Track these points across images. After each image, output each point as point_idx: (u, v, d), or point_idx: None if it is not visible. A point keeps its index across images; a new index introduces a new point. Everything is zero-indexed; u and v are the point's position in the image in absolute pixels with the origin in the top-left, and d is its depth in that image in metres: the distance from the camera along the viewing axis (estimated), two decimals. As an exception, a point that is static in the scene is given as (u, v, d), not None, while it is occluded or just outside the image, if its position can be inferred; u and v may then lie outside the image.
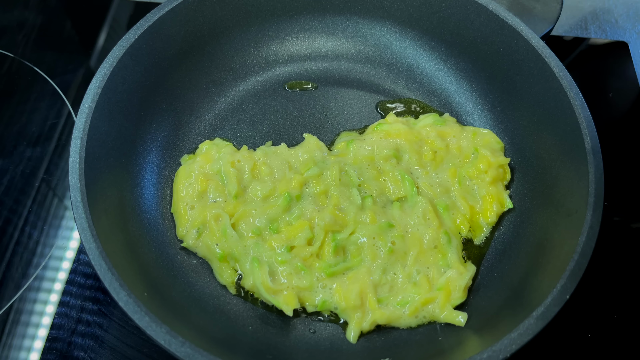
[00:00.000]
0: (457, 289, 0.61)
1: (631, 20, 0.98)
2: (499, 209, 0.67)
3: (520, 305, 0.55)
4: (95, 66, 0.88)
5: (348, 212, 0.64)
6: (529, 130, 0.69)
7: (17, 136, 0.80)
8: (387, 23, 0.78)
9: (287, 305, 0.59)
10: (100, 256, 0.52)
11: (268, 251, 0.61)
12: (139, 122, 0.68)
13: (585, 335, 0.66)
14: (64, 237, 0.72)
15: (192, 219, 0.64)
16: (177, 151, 0.71)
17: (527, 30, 0.67)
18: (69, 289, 0.68)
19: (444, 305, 0.60)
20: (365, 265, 0.61)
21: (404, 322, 0.60)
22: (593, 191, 0.57)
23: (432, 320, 0.60)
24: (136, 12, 0.95)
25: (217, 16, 0.74)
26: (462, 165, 0.69)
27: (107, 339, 0.64)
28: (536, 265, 0.59)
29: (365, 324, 0.59)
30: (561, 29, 0.97)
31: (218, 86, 0.76)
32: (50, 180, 0.76)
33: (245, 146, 0.70)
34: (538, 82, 0.67)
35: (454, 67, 0.77)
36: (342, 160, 0.68)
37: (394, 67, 0.79)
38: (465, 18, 0.72)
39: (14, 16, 0.93)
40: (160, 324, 0.49)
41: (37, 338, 0.64)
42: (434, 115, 0.74)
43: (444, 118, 0.74)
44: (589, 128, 0.60)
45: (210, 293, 0.62)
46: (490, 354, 0.49)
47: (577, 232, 0.55)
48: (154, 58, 0.69)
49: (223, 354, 0.50)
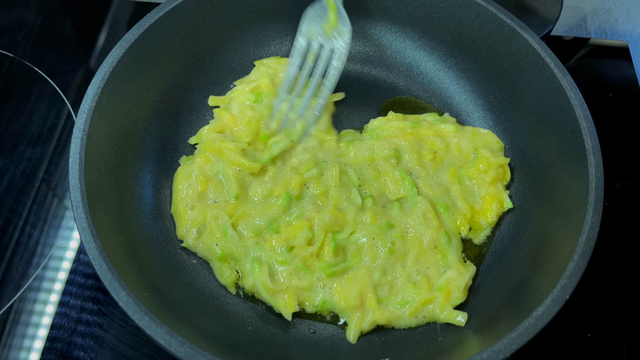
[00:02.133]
0: (457, 289, 0.61)
1: (631, 20, 0.98)
2: (499, 209, 0.67)
3: (520, 305, 0.55)
4: (95, 66, 0.88)
5: (348, 212, 0.64)
6: (529, 130, 0.69)
7: (17, 136, 0.80)
8: (387, 23, 0.79)
9: (287, 308, 0.59)
10: (100, 256, 0.52)
11: (268, 251, 0.61)
12: (139, 122, 0.68)
13: (585, 335, 0.66)
14: (64, 237, 0.72)
15: (192, 219, 0.64)
16: (177, 151, 0.71)
17: (527, 30, 0.67)
18: (69, 289, 0.68)
19: (444, 306, 0.60)
20: (365, 266, 0.61)
21: (403, 322, 0.60)
22: (593, 191, 0.57)
23: (432, 321, 0.60)
24: (136, 12, 0.95)
25: (217, 16, 0.74)
26: (461, 166, 0.69)
27: (107, 339, 0.64)
28: (536, 265, 0.59)
29: (365, 324, 0.59)
30: (561, 29, 0.97)
31: (218, 86, 0.76)
32: (50, 180, 0.76)
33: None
34: (538, 82, 0.67)
35: (454, 67, 0.77)
36: (342, 160, 0.68)
37: (394, 67, 0.79)
38: (465, 18, 0.72)
39: (14, 16, 0.93)
40: (160, 324, 0.49)
41: (37, 338, 0.65)
42: (433, 115, 0.74)
43: (444, 118, 0.74)
44: (589, 128, 0.60)
45: (210, 293, 0.62)
46: (490, 354, 0.49)
47: (577, 232, 0.55)
48: (154, 58, 0.69)
49: (223, 354, 0.50)
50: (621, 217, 0.75)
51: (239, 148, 0.67)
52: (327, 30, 0.72)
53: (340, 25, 0.72)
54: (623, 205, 0.76)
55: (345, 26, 0.72)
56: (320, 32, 0.72)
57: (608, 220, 0.74)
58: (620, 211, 0.76)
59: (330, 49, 0.72)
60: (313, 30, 0.72)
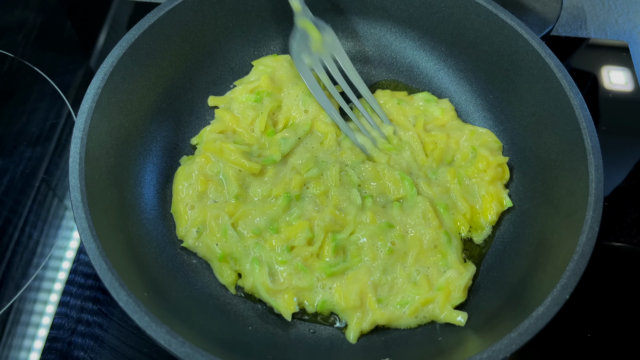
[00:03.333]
0: (457, 289, 0.61)
1: (631, 20, 0.98)
2: (499, 208, 0.67)
3: (520, 305, 0.55)
4: (95, 66, 0.88)
5: (348, 212, 0.64)
6: (529, 130, 0.69)
7: (17, 136, 0.80)
8: (387, 23, 0.79)
9: (286, 309, 0.59)
10: (100, 256, 0.52)
11: (268, 251, 0.61)
12: (139, 122, 0.68)
13: (585, 335, 0.66)
14: (64, 237, 0.72)
15: (192, 219, 0.64)
16: (177, 151, 0.71)
17: (527, 30, 0.67)
18: (69, 289, 0.68)
19: (444, 306, 0.60)
20: (365, 266, 0.61)
21: (403, 323, 0.60)
22: (593, 191, 0.57)
23: (432, 320, 0.60)
24: (136, 12, 0.95)
25: (217, 16, 0.74)
26: (461, 165, 0.69)
27: (107, 339, 0.64)
28: (536, 265, 0.59)
29: (365, 324, 0.59)
30: (561, 29, 0.97)
31: (218, 86, 0.76)
32: (50, 180, 0.76)
33: None
34: (538, 82, 0.67)
35: (454, 67, 0.77)
36: (342, 160, 0.68)
37: (394, 67, 0.79)
38: (465, 18, 0.72)
39: (14, 16, 0.93)
40: (160, 324, 0.49)
41: (37, 338, 0.65)
42: (425, 94, 0.75)
43: (440, 101, 0.75)
44: (589, 128, 0.60)
45: (210, 293, 0.62)
46: (490, 354, 0.49)
47: (577, 232, 0.55)
48: (154, 58, 0.69)
49: (223, 354, 0.50)
50: (621, 217, 0.75)
51: (241, 150, 0.67)
52: (317, 47, 0.72)
53: (324, 35, 0.72)
54: (623, 205, 0.76)
55: (328, 32, 0.72)
56: (312, 53, 0.72)
57: (608, 220, 0.74)
58: (620, 211, 0.76)
59: (331, 57, 0.72)
60: (307, 57, 0.72)
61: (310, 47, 0.72)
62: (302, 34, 0.72)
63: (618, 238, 0.74)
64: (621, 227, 0.74)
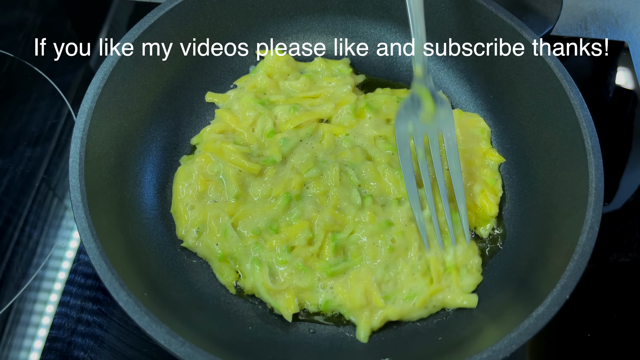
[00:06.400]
0: (468, 267, 0.61)
1: (631, 20, 0.98)
2: (495, 198, 0.67)
3: (520, 304, 0.55)
4: (95, 66, 0.88)
5: (348, 212, 0.64)
6: (529, 130, 0.69)
7: (17, 136, 0.80)
8: (387, 23, 0.78)
9: (287, 309, 0.59)
10: (100, 256, 0.52)
11: (268, 251, 0.61)
12: (139, 122, 0.68)
13: (585, 335, 0.66)
14: (64, 237, 0.72)
15: (192, 219, 0.64)
16: (177, 151, 0.71)
17: (527, 30, 0.67)
18: (69, 289, 0.68)
19: (457, 285, 0.60)
20: (366, 264, 0.61)
21: (415, 315, 0.60)
22: (593, 191, 0.57)
23: (443, 308, 0.61)
24: (136, 12, 0.95)
25: (217, 16, 0.74)
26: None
27: (107, 339, 0.64)
28: (536, 265, 0.59)
29: (375, 322, 0.59)
30: (561, 29, 0.97)
31: (218, 86, 0.76)
32: (50, 180, 0.76)
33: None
34: (538, 82, 0.67)
35: (454, 67, 0.77)
36: (342, 160, 0.68)
37: (394, 67, 0.79)
38: (465, 18, 0.72)
39: (14, 16, 0.93)
40: (160, 324, 0.49)
41: (37, 338, 0.65)
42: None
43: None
44: (589, 128, 0.60)
45: (210, 293, 0.62)
46: (490, 354, 0.49)
47: (577, 232, 0.55)
48: (154, 58, 0.69)
49: (223, 354, 0.50)
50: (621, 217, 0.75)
51: (241, 151, 0.67)
52: (427, 119, 0.65)
53: (439, 109, 0.65)
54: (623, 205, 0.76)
55: (444, 107, 0.65)
56: (418, 123, 0.65)
57: (608, 220, 0.74)
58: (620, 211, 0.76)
59: (437, 134, 0.65)
60: (411, 125, 0.65)
61: (419, 116, 0.65)
62: (416, 101, 0.66)
63: (618, 238, 0.74)
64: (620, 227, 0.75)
